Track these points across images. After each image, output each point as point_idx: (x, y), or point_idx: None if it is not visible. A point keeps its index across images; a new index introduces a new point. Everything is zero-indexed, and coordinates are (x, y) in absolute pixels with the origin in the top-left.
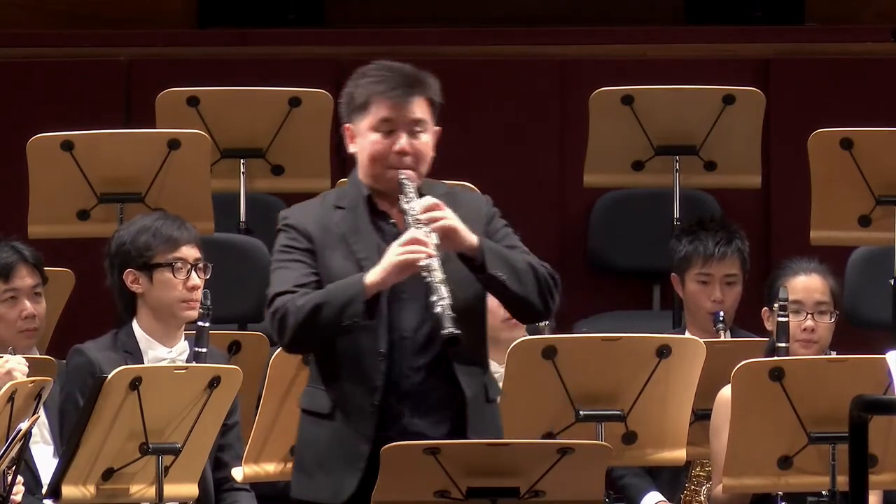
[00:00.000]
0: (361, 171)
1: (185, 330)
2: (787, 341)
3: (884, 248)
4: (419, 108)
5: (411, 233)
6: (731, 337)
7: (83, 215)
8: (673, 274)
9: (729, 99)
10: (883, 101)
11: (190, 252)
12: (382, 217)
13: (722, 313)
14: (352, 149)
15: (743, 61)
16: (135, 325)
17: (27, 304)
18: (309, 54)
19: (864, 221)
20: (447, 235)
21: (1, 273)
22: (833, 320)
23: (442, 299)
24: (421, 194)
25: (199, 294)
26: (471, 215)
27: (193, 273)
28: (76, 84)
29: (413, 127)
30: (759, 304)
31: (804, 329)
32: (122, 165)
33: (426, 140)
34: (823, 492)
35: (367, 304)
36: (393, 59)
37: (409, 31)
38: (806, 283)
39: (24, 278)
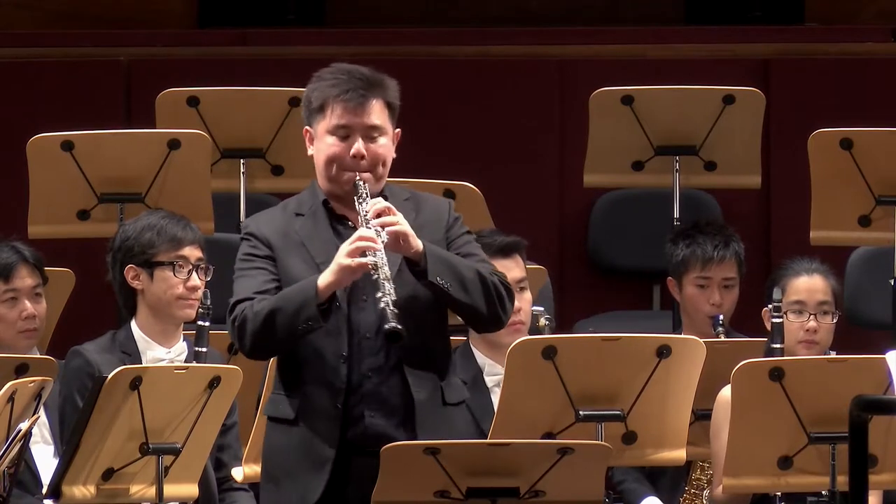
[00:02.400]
0: (318, 174)
1: (184, 330)
2: (782, 342)
3: (884, 248)
4: (375, 113)
5: (359, 232)
6: (727, 338)
7: (83, 215)
8: (669, 278)
9: (729, 99)
10: (883, 101)
11: (192, 252)
12: (341, 221)
13: (721, 317)
14: (310, 151)
15: (743, 61)
16: (133, 325)
17: (27, 304)
18: (309, 54)
19: (864, 221)
20: (397, 239)
21: (1, 273)
22: (835, 321)
23: (385, 295)
24: (384, 197)
25: (198, 294)
26: (430, 220)
27: (194, 274)
28: (76, 84)
29: (369, 132)
30: (759, 304)
31: (807, 329)
32: (122, 165)
33: (384, 143)
34: (823, 492)
35: (320, 307)
36: (393, 59)
37: (409, 31)
38: (809, 284)
39: (24, 278)
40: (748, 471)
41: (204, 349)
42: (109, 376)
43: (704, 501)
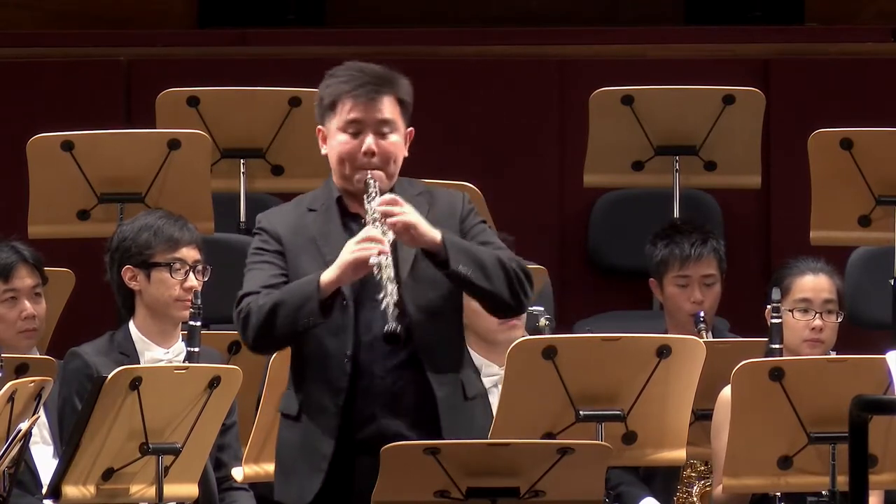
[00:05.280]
0: (333, 172)
1: (181, 331)
2: (781, 342)
3: (884, 248)
4: (387, 108)
5: (366, 230)
6: (712, 337)
7: (83, 215)
8: (651, 279)
9: (729, 99)
10: (883, 101)
11: (189, 253)
12: (353, 219)
13: (703, 313)
14: (324, 150)
15: (743, 61)
16: (131, 325)
17: (27, 304)
18: (309, 54)
19: (864, 221)
20: (406, 231)
21: (1, 273)
22: (839, 320)
23: (388, 296)
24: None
25: None
26: (444, 213)
27: (191, 274)
28: (76, 84)
29: (381, 127)
30: (759, 304)
31: (813, 328)
32: (122, 165)
33: (395, 140)
34: (823, 492)
35: (322, 304)
36: (393, 59)
37: (409, 31)
38: (814, 283)
39: (24, 278)
40: (748, 471)
41: (196, 349)
42: (109, 376)
43: (695, 500)
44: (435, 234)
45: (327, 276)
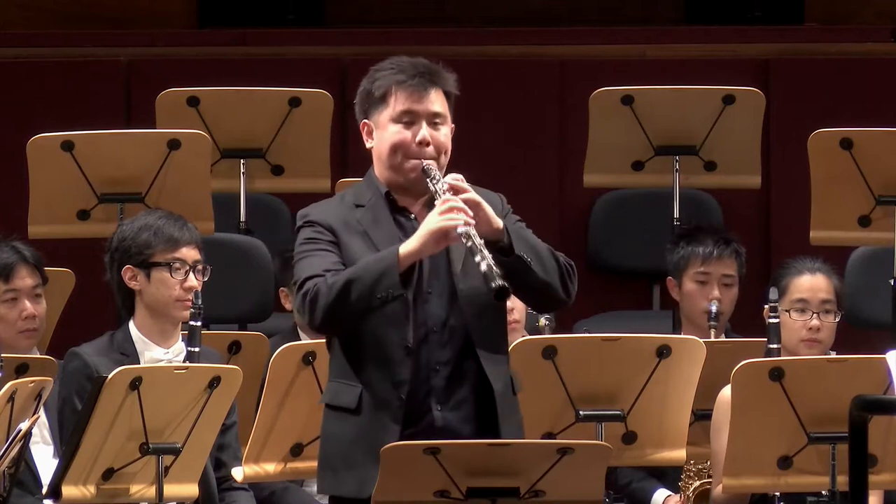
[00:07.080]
0: (380, 164)
1: (181, 331)
2: (779, 342)
3: (884, 248)
4: (437, 101)
5: (448, 201)
6: (726, 338)
7: (83, 215)
8: (669, 278)
9: (729, 99)
10: (883, 101)
11: (189, 253)
12: (402, 212)
13: (716, 305)
14: (369, 144)
15: (743, 61)
16: (131, 325)
17: (27, 304)
18: (309, 54)
19: (864, 221)
20: (475, 208)
21: (1, 273)
22: (837, 320)
23: (485, 258)
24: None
25: None
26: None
27: (191, 274)
28: (76, 84)
29: (433, 119)
30: (759, 304)
31: (810, 328)
32: (122, 165)
33: (445, 132)
34: (823, 492)
35: (402, 275)
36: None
37: (409, 31)
38: (812, 283)
39: (25, 278)
40: (748, 471)
41: (197, 349)
42: (109, 376)
43: (690, 493)
44: (498, 221)
45: (407, 247)
